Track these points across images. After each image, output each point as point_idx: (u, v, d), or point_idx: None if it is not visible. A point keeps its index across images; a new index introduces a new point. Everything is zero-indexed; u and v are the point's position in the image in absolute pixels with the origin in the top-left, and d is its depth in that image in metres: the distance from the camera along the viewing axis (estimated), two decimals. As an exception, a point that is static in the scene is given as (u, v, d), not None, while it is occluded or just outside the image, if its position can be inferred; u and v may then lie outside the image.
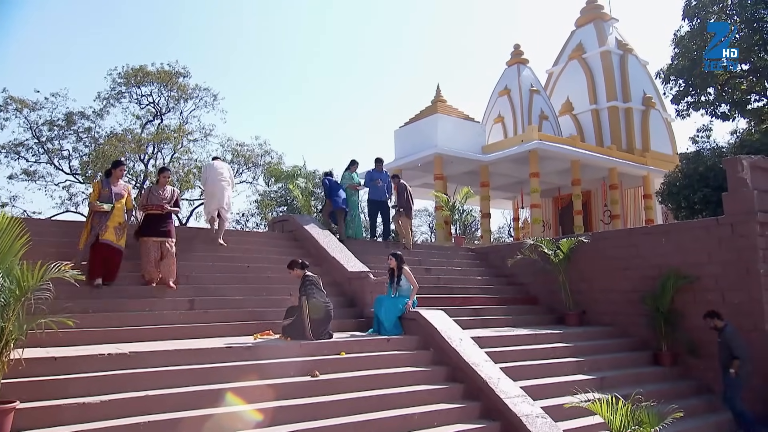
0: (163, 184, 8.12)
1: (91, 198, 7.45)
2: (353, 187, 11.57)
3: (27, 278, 4.43)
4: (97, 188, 7.46)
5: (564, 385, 7.19)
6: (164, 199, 7.92)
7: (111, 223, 7.27)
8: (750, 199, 8.23)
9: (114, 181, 7.57)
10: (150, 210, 7.84)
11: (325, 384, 5.92)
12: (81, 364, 5.17)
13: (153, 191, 7.98)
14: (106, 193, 7.39)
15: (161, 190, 8.00)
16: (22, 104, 25.19)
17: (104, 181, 7.54)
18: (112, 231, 7.25)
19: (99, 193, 7.39)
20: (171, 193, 8.10)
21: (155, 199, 7.87)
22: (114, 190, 7.47)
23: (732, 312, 8.22)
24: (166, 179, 8.16)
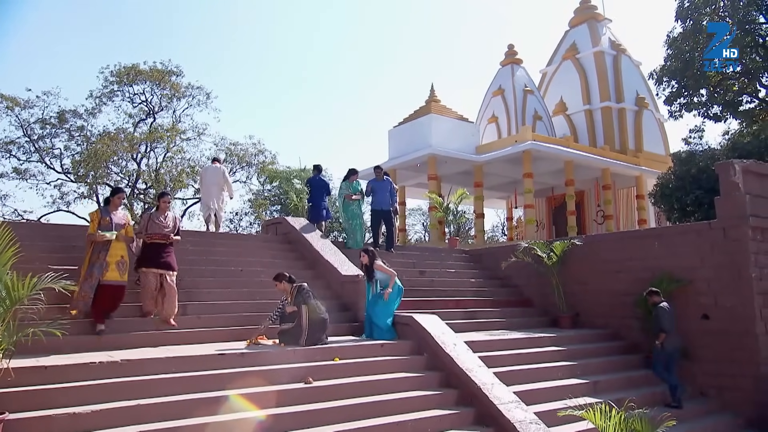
0: (164, 210, 7.44)
1: (90, 229, 6.73)
2: (350, 197, 11.17)
3: (17, 288, 4.38)
4: (96, 218, 6.75)
5: (557, 390, 7.21)
6: (166, 227, 7.28)
7: (112, 259, 6.59)
8: (742, 203, 8.26)
9: (113, 209, 6.96)
10: (151, 239, 7.19)
11: (319, 391, 5.90)
12: (71, 373, 5.12)
13: (153, 218, 7.32)
14: (107, 223, 6.74)
15: (162, 217, 7.34)
16: (13, 102, 24.99)
17: (103, 210, 6.89)
18: (114, 268, 6.59)
19: (99, 224, 6.70)
20: (173, 221, 7.45)
21: (156, 227, 7.22)
22: (114, 220, 6.81)
23: (724, 316, 8.28)
24: (166, 205, 7.48)
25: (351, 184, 11.34)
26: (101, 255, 6.55)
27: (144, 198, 27.33)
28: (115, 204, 7.02)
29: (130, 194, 27.10)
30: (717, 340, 8.30)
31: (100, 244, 6.58)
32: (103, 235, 6.57)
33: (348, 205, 11.14)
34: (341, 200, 11.20)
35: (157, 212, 7.43)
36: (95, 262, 6.52)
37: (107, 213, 6.84)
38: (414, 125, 19.95)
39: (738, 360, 8.06)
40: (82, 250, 8.19)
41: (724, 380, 8.19)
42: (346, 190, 11.25)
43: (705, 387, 8.37)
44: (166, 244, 7.20)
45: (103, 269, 6.50)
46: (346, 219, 11.15)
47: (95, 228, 6.68)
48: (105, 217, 6.76)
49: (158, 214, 7.38)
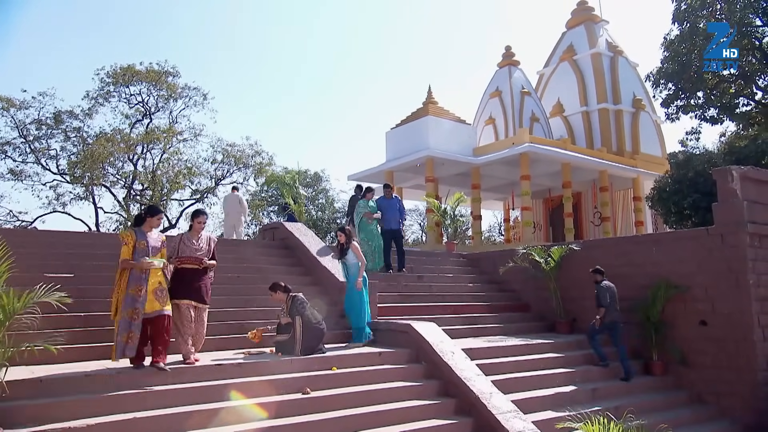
0: (198, 231, 6.45)
1: (123, 253, 5.69)
2: (369, 217, 10.58)
3: (12, 303, 4.33)
4: (131, 240, 5.74)
5: (556, 398, 7.20)
6: (199, 250, 6.33)
7: (150, 287, 5.68)
8: (740, 209, 8.26)
9: (148, 230, 5.95)
10: (183, 264, 6.24)
11: (317, 401, 5.86)
12: (66, 386, 5.08)
13: (185, 240, 6.34)
14: (143, 246, 5.74)
15: (195, 239, 6.39)
16: (8, 103, 24.88)
17: (138, 232, 5.85)
18: (153, 298, 5.67)
19: (134, 247, 5.73)
20: (207, 243, 6.48)
21: (189, 251, 6.28)
22: (150, 243, 5.83)
23: (722, 322, 8.27)
24: (201, 225, 6.48)
25: (368, 202, 10.80)
26: (142, 286, 5.60)
27: (141, 199, 27.24)
28: (151, 225, 6.02)
29: (126, 195, 27.06)
30: (715, 346, 8.30)
31: (139, 273, 5.64)
32: (150, 263, 5.67)
33: (367, 225, 10.59)
34: (359, 219, 10.64)
35: (190, 233, 6.46)
36: (136, 295, 5.57)
37: (143, 235, 5.84)
38: (411, 127, 19.93)
39: (736, 366, 8.05)
40: (76, 257, 8.25)
41: (722, 387, 8.19)
42: (364, 209, 10.67)
43: (703, 393, 8.37)
44: (199, 270, 6.27)
45: (142, 301, 5.59)
46: (365, 239, 10.48)
47: (130, 252, 5.70)
48: (141, 240, 5.77)
49: (191, 235, 6.42)
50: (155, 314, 5.66)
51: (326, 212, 33.91)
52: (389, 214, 10.88)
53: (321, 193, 34.82)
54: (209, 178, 28.23)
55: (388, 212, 10.88)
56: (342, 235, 8.11)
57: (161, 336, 5.68)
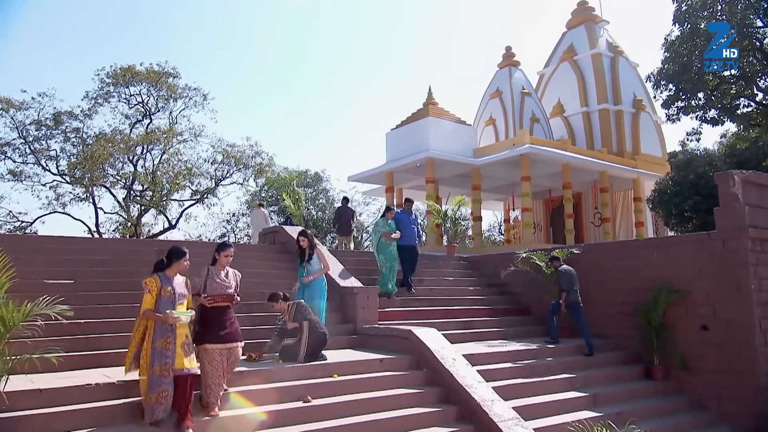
0: (224, 265, 5.96)
1: (146, 302, 5.10)
2: (388, 237, 10.06)
3: (12, 315, 4.31)
4: (156, 288, 5.15)
5: (557, 404, 7.20)
6: (228, 286, 5.86)
7: (179, 339, 5.11)
8: (741, 214, 8.25)
9: (172, 274, 5.36)
10: (214, 303, 5.69)
11: (318, 410, 5.85)
12: (68, 396, 5.05)
13: (213, 275, 5.83)
14: (169, 294, 5.18)
15: (223, 273, 5.91)
16: (8, 104, 24.91)
17: (162, 278, 5.26)
18: (181, 352, 5.08)
19: (159, 294, 5.16)
20: (234, 277, 6.03)
21: (218, 287, 5.77)
22: (177, 290, 5.28)
23: (723, 327, 8.27)
24: (228, 259, 5.98)
25: (388, 221, 10.31)
26: (170, 338, 5.07)
27: (141, 200, 27.24)
28: (177, 269, 5.40)
29: (126, 196, 27.05)
30: (716, 351, 8.30)
31: (166, 326, 5.11)
32: (177, 318, 5.09)
33: (386, 246, 10.05)
34: (377, 238, 10.15)
35: (215, 267, 5.93)
36: (165, 349, 5.02)
37: (168, 280, 5.26)
38: (412, 128, 19.89)
39: (737, 371, 8.05)
40: (76, 263, 8.24)
41: (723, 391, 8.18)
42: (383, 228, 10.16)
43: (704, 398, 8.37)
44: (226, 307, 5.80)
45: (171, 356, 5.03)
46: (384, 260, 9.99)
47: (153, 302, 5.12)
48: (166, 287, 5.19)
49: (218, 269, 5.91)
50: (185, 373, 5.04)
51: (327, 212, 33.90)
52: (408, 230, 10.44)
53: (321, 194, 34.81)
54: (209, 178, 28.28)
55: (407, 227, 10.44)
56: (304, 239, 7.88)
57: (189, 396, 5.10)
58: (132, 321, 7.00)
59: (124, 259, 8.76)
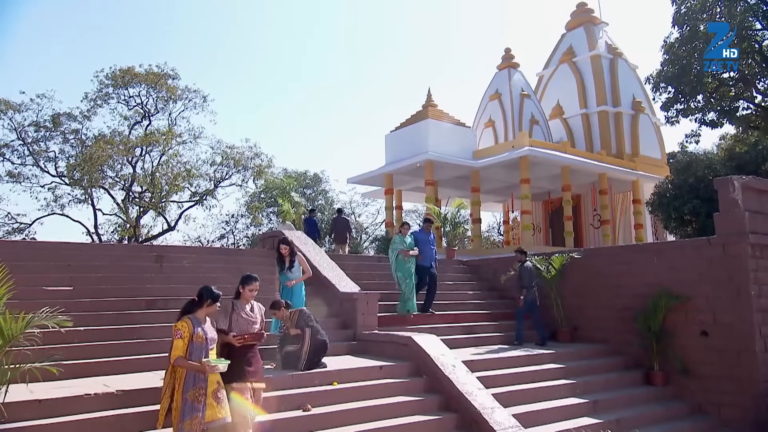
0: (248, 300, 5.59)
1: (177, 349, 4.63)
2: (406, 254, 9.77)
3: (11, 326, 4.29)
4: (188, 333, 4.70)
5: (557, 411, 7.18)
6: (254, 322, 5.51)
7: (210, 388, 4.69)
8: (741, 219, 8.23)
9: (202, 317, 4.94)
10: (244, 342, 5.29)
11: (317, 419, 5.83)
12: (67, 406, 5.04)
13: (238, 310, 5.44)
14: (200, 339, 4.75)
15: (248, 308, 5.54)
16: (6, 105, 24.86)
17: (194, 321, 4.83)
18: (213, 402, 4.68)
19: (191, 339, 4.72)
20: (260, 312, 5.66)
21: (245, 324, 5.40)
22: (208, 334, 4.87)
23: (723, 332, 8.25)
24: (252, 293, 5.59)
25: (405, 238, 10.00)
26: (202, 388, 4.64)
27: (140, 202, 27.20)
28: (208, 312, 4.97)
29: (125, 198, 27.01)
30: (716, 356, 8.28)
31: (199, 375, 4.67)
32: (215, 366, 4.68)
33: (404, 263, 9.75)
34: (394, 256, 9.85)
35: (240, 301, 5.55)
36: (196, 402, 4.61)
37: (198, 324, 4.84)
38: (411, 130, 19.88)
39: (737, 377, 8.03)
40: (75, 269, 8.22)
41: (723, 397, 8.16)
42: (400, 245, 9.87)
43: (704, 404, 8.35)
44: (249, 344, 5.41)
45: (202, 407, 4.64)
46: (402, 277, 9.71)
47: (186, 348, 4.65)
48: (198, 331, 4.77)
49: (242, 303, 5.53)
50: (217, 423, 4.69)
51: (325, 214, 33.90)
52: (427, 251, 10.07)
53: (320, 195, 34.81)
54: (208, 180, 28.24)
55: (426, 248, 10.08)
56: (286, 247, 7.66)
57: None
58: (133, 329, 7.09)
59: (123, 265, 8.74)
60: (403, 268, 9.73)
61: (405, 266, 9.74)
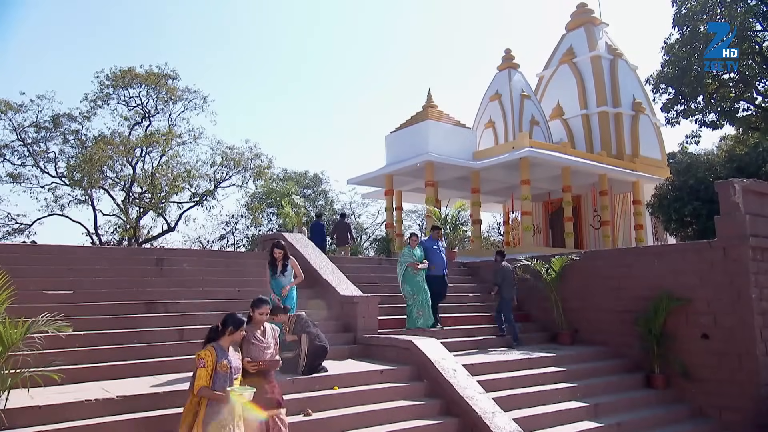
0: (260, 324, 5.39)
1: (200, 378, 4.42)
2: (415, 267, 9.39)
3: (10, 333, 4.28)
4: (212, 361, 4.50)
5: (559, 415, 7.16)
6: (268, 347, 5.34)
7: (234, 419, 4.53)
8: (742, 223, 8.22)
9: (226, 345, 4.71)
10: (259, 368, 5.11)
11: (319, 423, 5.83)
12: (67, 412, 5.02)
13: (250, 336, 5.21)
14: (224, 369, 4.55)
15: (259, 333, 5.36)
16: (6, 106, 24.85)
17: (218, 349, 4.62)
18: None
19: (215, 368, 4.51)
20: (273, 335, 5.48)
21: (258, 350, 5.23)
22: (233, 363, 4.65)
23: (724, 336, 8.25)
24: (262, 317, 5.39)
25: (414, 250, 9.60)
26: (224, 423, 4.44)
27: (140, 202, 27.19)
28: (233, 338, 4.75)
29: (124, 198, 26.99)
30: (717, 360, 8.28)
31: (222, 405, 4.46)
32: (240, 394, 4.48)
33: (413, 276, 9.35)
34: (403, 269, 9.45)
35: (252, 326, 5.32)
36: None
37: (223, 353, 4.62)
38: (411, 131, 19.88)
39: (738, 381, 8.02)
40: (76, 273, 8.21)
41: (724, 401, 8.16)
42: (409, 258, 9.47)
43: (705, 407, 8.34)
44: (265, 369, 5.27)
45: None
46: (411, 293, 9.28)
47: (209, 378, 4.45)
48: (222, 360, 4.56)
49: (253, 328, 5.33)
50: None
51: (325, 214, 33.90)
52: (437, 259, 9.74)
53: (320, 195, 34.81)
54: (208, 180, 28.23)
55: (435, 256, 9.76)
56: (279, 251, 7.42)
57: None
58: (133, 332, 7.08)
59: (123, 268, 8.74)
60: (412, 281, 9.32)
61: (414, 280, 9.31)
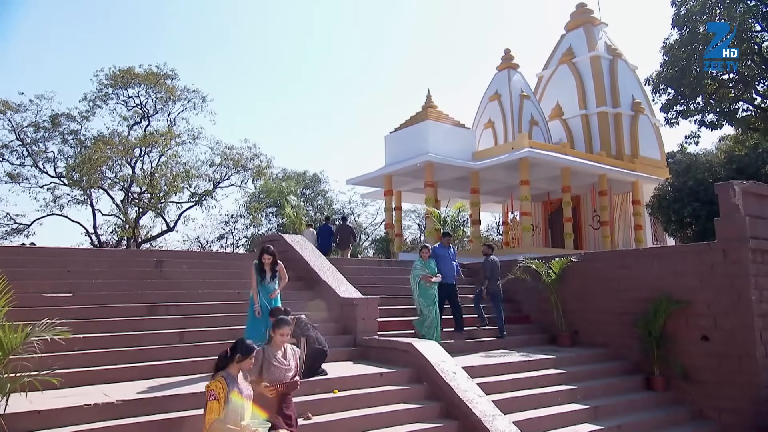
0: (280, 345, 5.25)
1: (212, 411, 4.29)
2: (428, 280, 9.21)
3: (10, 338, 4.27)
4: (223, 392, 4.35)
5: (558, 418, 7.16)
6: (288, 369, 5.17)
7: None
8: (742, 225, 8.21)
9: (236, 373, 4.58)
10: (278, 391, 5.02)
11: (319, 427, 5.81)
12: (67, 417, 5.01)
13: (269, 357, 5.10)
14: (238, 402, 4.42)
15: (280, 354, 5.20)
16: (5, 106, 24.83)
17: (228, 378, 4.46)
18: None
19: (226, 399, 4.34)
20: (293, 357, 5.34)
21: (278, 372, 5.08)
22: (244, 392, 4.54)
23: (724, 338, 8.24)
24: (284, 338, 5.28)
25: (427, 262, 9.39)
26: None
27: (138, 202, 27.16)
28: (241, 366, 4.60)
29: (124, 198, 26.97)
30: (716, 362, 8.27)
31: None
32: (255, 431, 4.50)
33: (426, 289, 9.16)
34: (416, 282, 9.27)
35: (271, 347, 5.22)
36: None
37: (233, 382, 4.48)
38: (411, 131, 19.86)
39: (738, 383, 8.02)
40: (75, 275, 8.20)
41: (723, 403, 8.15)
42: (422, 270, 9.26)
43: (705, 409, 8.34)
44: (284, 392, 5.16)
45: None
46: (425, 305, 9.08)
47: (221, 411, 4.31)
48: (233, 389, 4.42)
49: (273, 349, 5.20)
50: None
51: (325, 213, 33.91)
52: (446, 266, 9.66)
53: (320, 195, 34.81)
54: (207, 180, 28.22)
55: (446, 264, 9.67)
56: (269, 257, 7.29)
57: None
58: (132, 336, 7.08)
59: (122, 270, 8.73)
60: (425, 294, 9.15)
61: (428, 293, 9.16)
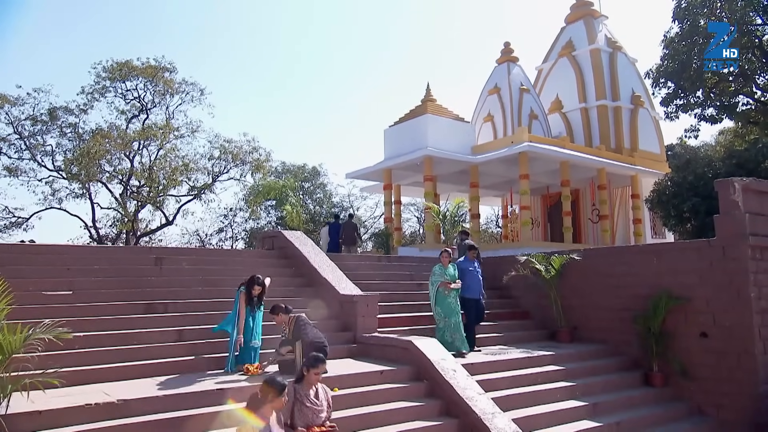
0: (313, 384, 5.05)
1: None
2: (447, 287, 8.76)
3: (10, 340, 4.27)
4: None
5: (558, 414, 7.20)
6: (321, 409, 5.00)
7: None
8: (741, 222, 8.22)
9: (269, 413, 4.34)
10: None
11: (319, 426, 5.83)
12: (68, 417, 5.02)
13: (301, 398, 4.90)
14: None
15: (311, 392, 5.03)
16: (3, 99, 24.72)
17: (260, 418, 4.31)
18: None
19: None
20: (325, 396, 5.18)
21: (311, 414, 4.88)
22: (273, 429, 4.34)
23: (723, 334, 8.27)
24: (318, 377, 5.08)
25: (446, 268, 8.95)
26: None
27: (137, 196, 27.11)
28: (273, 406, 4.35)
29: (122, 192, 26.91)
30: (715, 358, 8.30)
31: None
32: None
33: (445, 297, 8.76)
34: (434, 289, 8.84)
35: (302, 385, 4.99)
36: None
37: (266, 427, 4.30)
38: (410, 125, 19.80)
39: (737, 379, 8.06)
40: (75, 273, 8.19)
41: (722, 399, 8.19)
42: (441, 277, 8.83)
43: (703, 405, 8.38)
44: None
45: None
46: (442, 315, 8.72)
47: None
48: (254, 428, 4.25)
49: (305, 388, 4.97)
50: None
51: (324, 207, 33.89)
52: (474, 282, 9.23)
53: (319, 188, 34.78)
54: (206, 174, 28.14)
55: (473, 279, 9.24)
56: (258, 288, 7.17)
57: None
58: (133, 333, 7.08)
59: (122, 267, 8.71)
60: (443, 303, 8.72)
61: (446, 301, 8.73)
